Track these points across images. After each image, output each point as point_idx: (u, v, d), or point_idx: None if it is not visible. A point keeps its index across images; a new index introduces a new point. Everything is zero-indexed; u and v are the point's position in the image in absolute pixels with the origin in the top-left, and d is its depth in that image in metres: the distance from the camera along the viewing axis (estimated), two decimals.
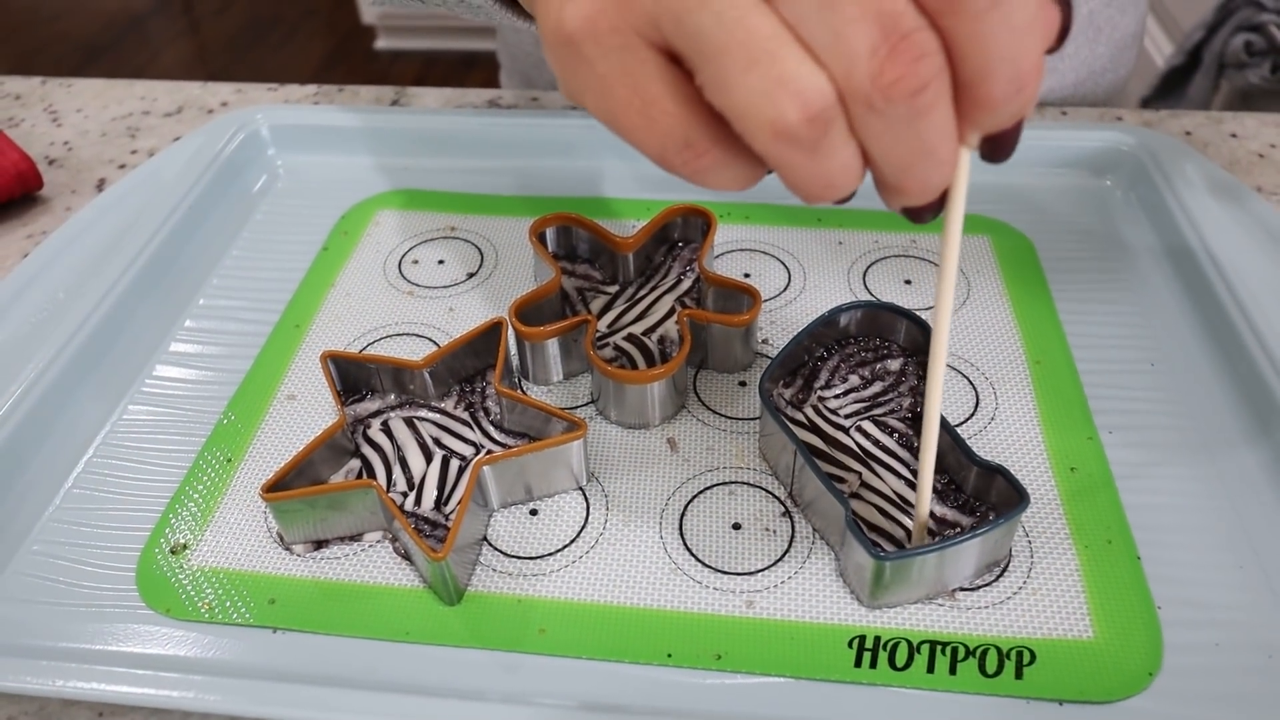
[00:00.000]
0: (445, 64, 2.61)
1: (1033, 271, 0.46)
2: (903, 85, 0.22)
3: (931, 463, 0.32)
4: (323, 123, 0.56)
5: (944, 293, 0.29)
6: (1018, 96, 0.23)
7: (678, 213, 0.45)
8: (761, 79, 0.22)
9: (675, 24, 0.23)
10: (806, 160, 0.23)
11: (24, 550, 0.36)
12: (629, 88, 0.24)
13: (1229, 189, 0.47)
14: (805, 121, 0.22)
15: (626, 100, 0.25)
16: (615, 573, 0.34)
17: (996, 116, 0.23)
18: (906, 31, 0.21)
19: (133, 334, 0.44)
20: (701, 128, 0.25)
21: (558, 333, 0.40)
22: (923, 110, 0.22)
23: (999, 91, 0.22)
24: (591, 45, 0.24)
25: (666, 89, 0.24)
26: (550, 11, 0.25)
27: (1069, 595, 0.33)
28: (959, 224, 0.27)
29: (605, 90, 0.25)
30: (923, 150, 0.23)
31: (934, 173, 0.24)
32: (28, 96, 0.64)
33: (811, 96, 0.22)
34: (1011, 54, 0.22)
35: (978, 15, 0.21)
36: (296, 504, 0.34)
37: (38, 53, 2.76)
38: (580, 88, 0.26)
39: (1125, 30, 0.63)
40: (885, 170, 0.24)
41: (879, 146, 0.23)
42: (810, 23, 0.22)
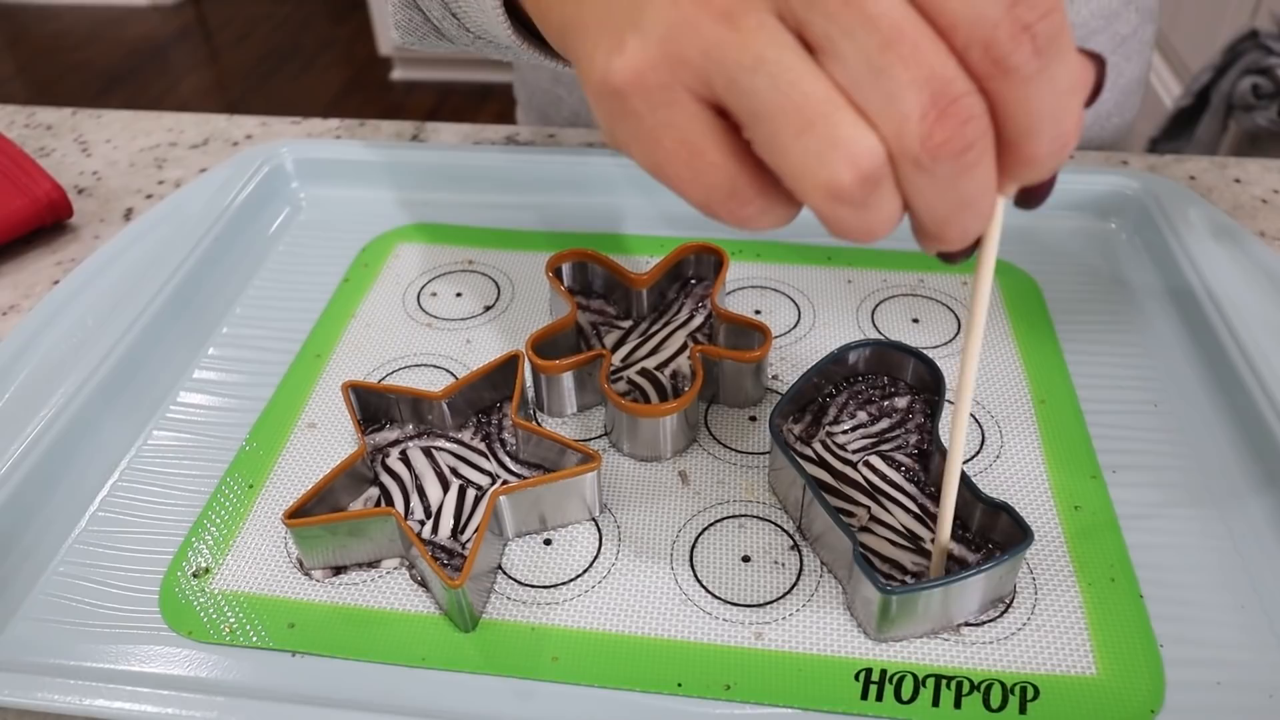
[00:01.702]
0: (460, 95, 2.64)
1: (1038, 312, 0.47)
2: (950, 146, 0.22)
3: (954, 492, 0.33)
4: (345, 157, 0.57)
5: (974, 329, 0.29)
6: (1059, 154, 0.24)
7: (691, 250, 0.46)
8: (816, 141, 0.23)
9: (728, 84, 0.23)
10: (854, 214, 0.24)
11: (50, 572, 0.37)
12: (676, 141, 0.25)
13: (1232, 234, 0.48)
14: (858, 182, 0.23)
15: (673, 152, 0.25)
16: (627, 603, 0.35)
17: (1038, 172, 0.24)
18: (956, 96, 0.22)
19: (158, 361, 0.45)
20: (747, 179, 0.25)
21: (573, 366, 0.41)
22: (967, 168, 0.23)
23: (1043, 150, 0.23)
24: (640, 99, 0.25)
25: (714, 143, 0.25)
26: (596, 62, 0.25)
27: (1073, 632, 0.34)
28: (991, 266, 0.28)
29: (652, 142, 0.25)
30: (963, 204, 0.24)
31: (973, 223, 0.25)
32: (59, 126, 0.66)
33: (863, 159, 0.23)
34: (1056, 115, 0.23)
35: (1026, 80, 0.22)
36: (317, 530, 0.35)
37: (59, 81, 2.80)
38: (626, 139, 0.26)
39: (1131, 76, 0.64)
40: (926, 221, 0.25)
41: (922, 201, 0.24)
42: (863, 86, 0.23)
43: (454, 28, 0.45)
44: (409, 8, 0.47)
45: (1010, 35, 0.21)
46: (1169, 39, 1.61)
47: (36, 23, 3.15)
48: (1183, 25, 1.58)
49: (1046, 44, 0.22)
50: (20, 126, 0.66)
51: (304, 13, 3.20)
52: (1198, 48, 1.51)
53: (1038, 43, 0.22)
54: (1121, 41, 0.62)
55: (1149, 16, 0.63)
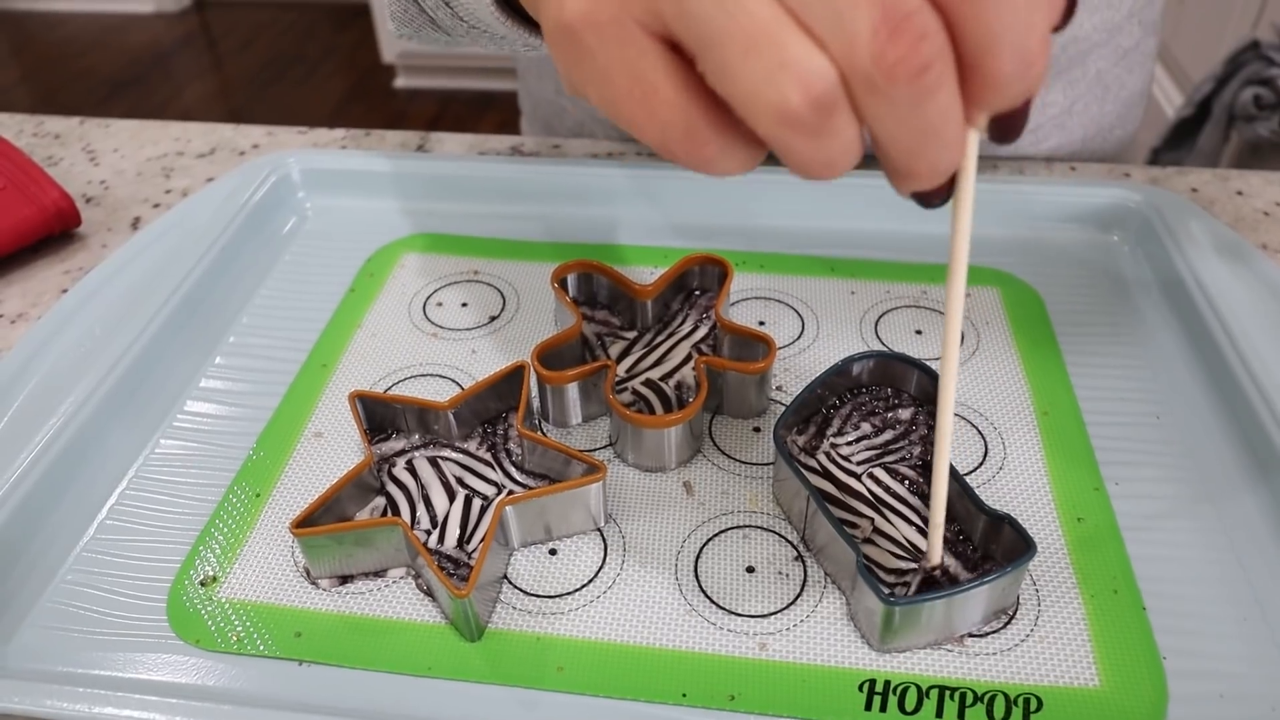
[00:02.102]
0: (462, 102, 2.65)
1: (1041, 324, 0.47)
2: (905, 65, 0.22)
3: (945, 469, 0.33)
4: (351, 167, 0.57)
5: (956, 278, 0.29)
6: (1026, 74, 0.23)
7: (695, 261, 0.46)
8: (764, 64, 0.22)
9: (676, 11, 0.23)
10: (809, 143, 0.23)
11: (58, 580, 0.37)
12: (630, 77, 0.24)
13: (1234, 247, 0.48)
14: (809, 105, 0.22)
15: (627, 90, 0.25)
16: (632, 613, 0.35)
17: (1004, 96, 0.23)
18: (908, 11, 0.21)
19: (166, 370, 0.46)
20: (703, 116, 0.24)
21: (579, 377, 0.41)
22: (927, 91, 0.22)
23: (1006, 69, 0.22)
24: (592, 35, 0.24)
25: (667, 78, 0.24)
26: (550, 6, 0.25)
27: (1075, 643, 0.34)
28: (969, 207, 0.27)
29: (606, 80, 0.25)
30: (929, 132, 0.23)
31: (941, 155, 0.24)
32: (66, 136, 0.66)
33: (814, 80, 0.22)
34: (1017, 31, 0.22)
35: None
36: (324, 539, 0.35)
37: (64, 87, 2.82)
38: (581, 78, 0.26)
39: (1133, 89, 0.65)
40: (892, 154, 0.24)
41: (884, 129, 0.23)
42: (811, 6, 0.22)
43: (447, 17, 0.45)
44: None
45: None
46: (1170, 49, 1.62)
47: (42, 29, 3.16)
48: (1184, 35, 1.58)
49: None
50: (29, 135, 0.67)
51: (307, 20, 3.21)
52: (1199, 58, 1.52)
53: None
54: (1124, 54, 0.62)
55: (1151, 29, 0.64)
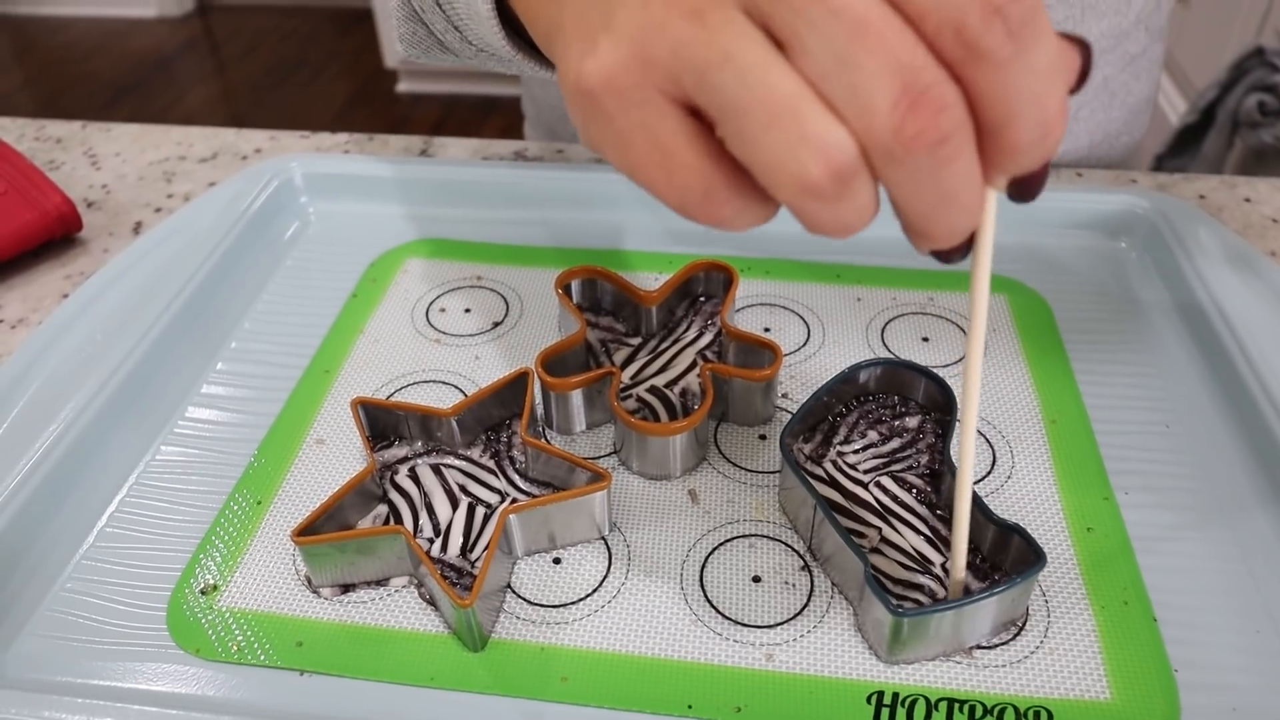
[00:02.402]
0: (465, 108, 2.65)
1: (1049, 331, 0.47)
2: (925, 138, 0.22)
3: (966, 513, 0.33)
4: (353, 172, 0.57)
5: (975, 336, 0.29)
6: (1044, 141, 0.23)
7: (700, 268, 0.46)
8: (785, 136, 0.23)
9: (697, 81, 0.23)
10: (827, 209, 0.24)
11: (57, 588, 0.37)
12: (649, 142, 0.25)
13: (1242, 254, 0.48)
14: (829, 176, 0.23)
15: (646, 154, 0.25)
16: (637, 623, 0.35)
17: (1023, 161, 0.24)
18: (927, 85, 0.22)
19: (167, 375, 0.45)
20: (721, 180, 0.25)
21: (583, 384, 0.41)
22: (945, 160, 0.23)
23: (1025, 137, 0.23)
24: (612, 100, 0.25)
25: (686, 143, 0.24)
26: (570, 64, 0.25)
27: (1086, 656, 0.34)
28: (987, 264, 0.27)
29: (625, 144, 0.25)
30: (946, 198, 0.24)
31: (959, 218, 0.24)
32: (68, 140, 0.66)
33: (835, 152, 0.23)
34: (1036, 100, 0.22)
35: (1001, 65, 0.22)
36: (326, 548, 0.35)
37: (66, 92, 2.82)
38: (600, 140, 0.26)
39: (1139, 95, 0.64)
40: (910, 216, 0.25)
41: (903, 195, 0.24)
42: (831, 79, 0.22)
43: (456, 41, 0.45)
44: (413, 21, 0.47)
45: (982, 18, 0.21)
46: (1175, 56, 1.61)
47: (45, 34, 3.16)
48: (1188, 42, 1.58)
49: (1020, 26, 0.21)
50: (30, 139, 0.66)
51: (310, 25, 3.21)
52: (1203, 65, 1.51)
53: (1010, 25, 0.21)
54: (1131, 61, 0.62)
55: (1158, 36, 0.63)
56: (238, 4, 3.39)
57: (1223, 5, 1.47)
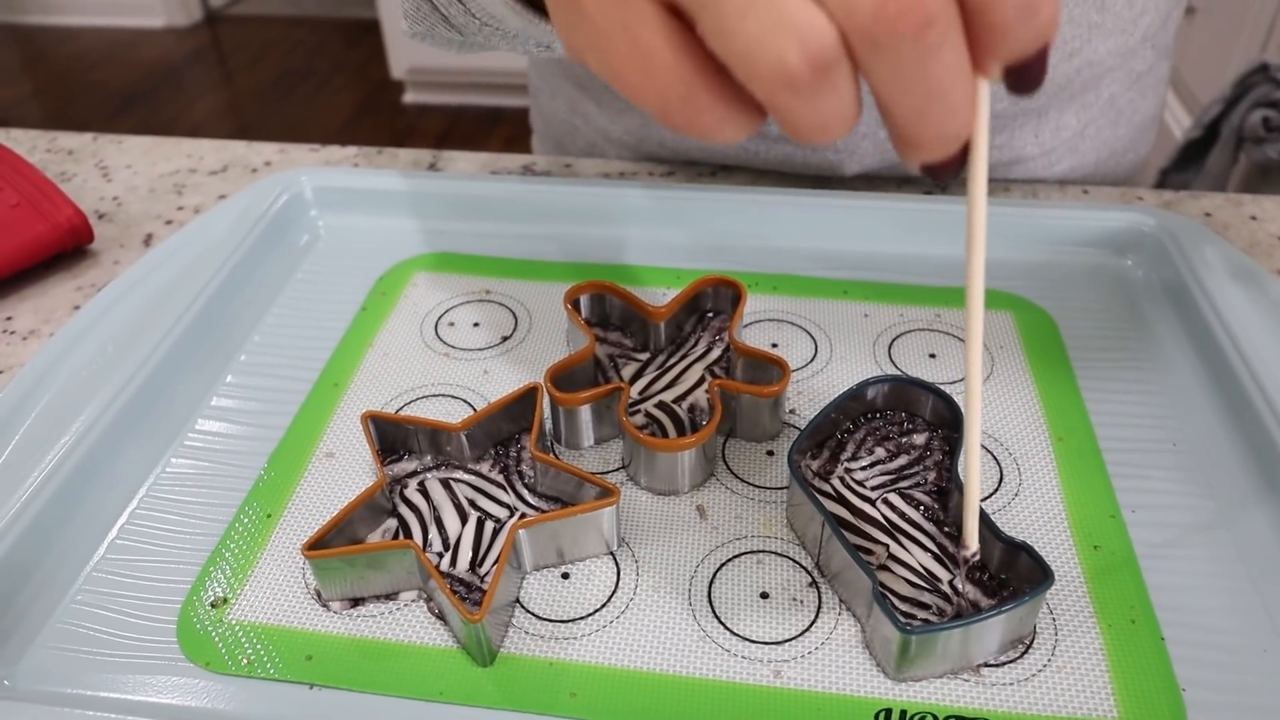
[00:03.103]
0: (471, 118, 2.66)
1: (1055, 348, 0.47)
2: (908, 20, 0.21)
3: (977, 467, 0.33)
4: (363, 185, 0.57)
5: (975, 259, 0.28)
6: (1033, 19, 0.22)
7: (709, 283, 0.46)
8: (761, 21, 0.22)
9: None
10: (806, 104, 0.23)
11: (68, 600, 0.37)
12: (628, 42, 0.24)
13: (1248, 272, 0.48)
14: (807, 63, 0.22)
15: (626, 54, 0.24)
16: (645, 638, 0.35)
17: (1014, 42, 0.23)
18: None
19: (177, 388, 0.45)
20: (702, 82, 0.24)
21: (592, 399, 0.41)
22: (931, 48, 0.22)
23: (1011, 12, 0.22)
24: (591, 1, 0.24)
25: (666, 43, 0.24)
26: None
27: (1094, 674, 0.34)
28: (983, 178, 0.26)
29: (605, 45, 0.25)
30: (935, 93, 0.23)
31: (949, 119, 0.23)
32: (80, 152, 0.67)
33: (813, 37, 0.22)
34: None
35: None
36: (336, 562, 0.35)
37: (75, 101, 2.83)
38: (581, 43, 0.25)
39: (1146, 113, 0.65)
40: (897, 117, 0.24)
41: (888, 90, 0.23)
42: None
43: (460, 13, 0.45)
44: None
45: None
46: (1180, 71, 1.62)
47: (54, 44, 3.18)
48: (1193, 58, 1.58)
49: None
50: (42, 151, 0.67)
51: (318, 36, 3.23)
52: (1208, 80, 1.52)
53: None
54: (1137, 79, 0.62)
55: (1164, 54, 0.64)
56: (245, 14, 3.40)
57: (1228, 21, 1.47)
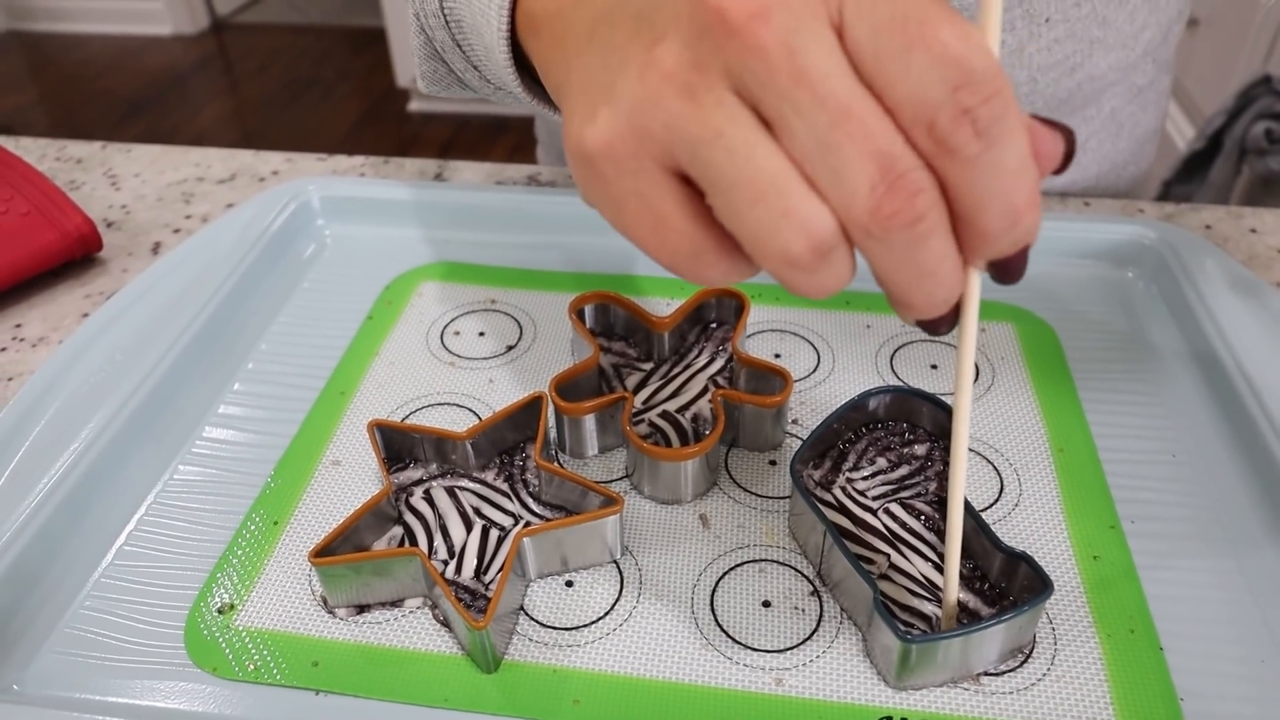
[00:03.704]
0: (476, 127, 2.67)
1: (1056, 360, 0.48)
2: (899, 218, 0.24)
3: (957, 550, 0.33)
4: (370, 195, 0.58)
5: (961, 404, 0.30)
6: (1013, 230, 0.24)
7: (712, 294, 0.47)
8: (769, 212, 0.24)
9: (689, 155, 0.25)
10: (808, 278, 0.25)
11: (76, 606, 0.37)
12: (642, 207, 0.26)
13: (1248, 285, 0.48)
14: (809, 251, 0.24)
15: (639, 217, 0.27)
16: (648, 646, 0.35)
17: (995, 247, 0.25)
18: (902, 171, 0.23)
19: (185, 396, 0.46)
20: (710, 243, 0.26)
21: (596, 409, 0.41)
22: (920, 239, 0.24)
23: (994, 225, 0.24)
24: (609, 166, 0.26)
25: (677, 209, 0.26)
26: (572, 128, 0.27)
27: (1093, 684, 0.34)
28: (972, 338, 0.29)
29: (620, 207, 0.27)
30: (923, 273, 0.25)
31: (937, 290, 0.26)
32: (89, 160, 0.67)
33: (814, 229, 0.24)
34: (1003, 192, 0.24)
35: (968, 161, 0.23)
36: (342, 569, 0.35)
37: (82, 108, 2.84)
38: (597, 200, 0.28)
39: (1147, 126, 0.65)
40: (891, 289, 0.26)
41: (882, 268, 0.25)
42: (814, 160, 0.24)
43: (476, 79, 0.46)
44: (434, 60, 0.48)
45: (951, 118, 0.23)
46: (1182, 83, 1.62)
47: (61, 51, 3.20)
48: (1196, 69, 1.59)
49: (988, 127, 0.23)
50: (51, 159, 0.68)
51: (324, 45, 3.24)
52: (1211, 92, 1.52)
53: (978, 126, 0.23)
54: (1138, 92, 0.62)
55: (1165, 68, 0.64)
56: (252, 22, 3.42)
57: (1230, 33, 1.48)
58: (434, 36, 0.46)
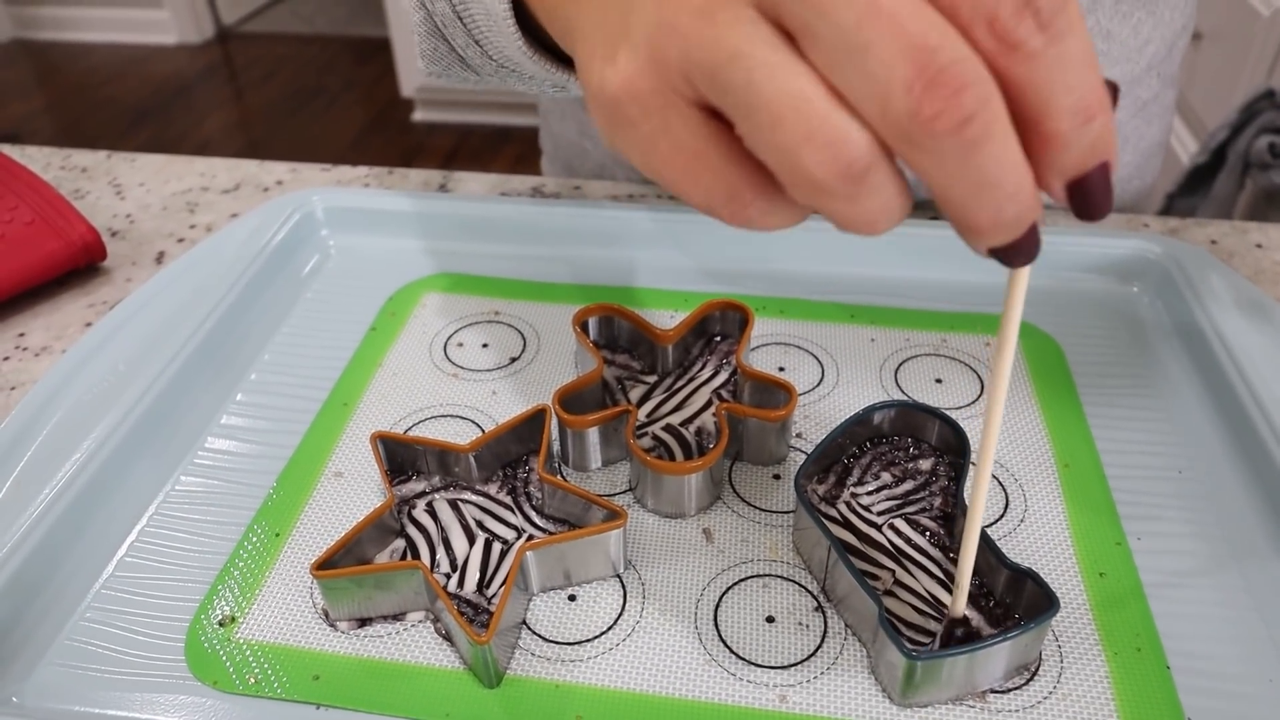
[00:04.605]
0: (480, 136, 2.67)
1: (1061, 374, 0.47)
2: (946, 119, 0.21)
3: (977, 531, 0.33)
4: (374, 206, 0.58)
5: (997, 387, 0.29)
6: (1085, 129, 0.22)
7: (716, 307, 0.47)
8: (791, 135, 0.22)
9: (709, 82, 0.23)
10: (846, 206, 0.23)
11: (76, 618, 0.37)
12: (672, 146, 0.25)
13: (1254, 301, 0.48)
14: (838, 174, 0.22)
15: (670, 158, 0.25)
16: (651, 662, 0.35)
17: (1069, 155, 0.22)
18: (944, 65, 0.21)
19: (188, 406, 0.46)
20: (745, 180, 0.24)
21: (599, 421, 0.41)
22: (974, 143, 0.21)
23: (1065, 126, 0.22)
24: (634, 106, 0.25)
25: (709, 144, 0.24)
26: (592, 76, 0.26)
27: (1099, 702, 0.34)
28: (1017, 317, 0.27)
29: (649, 148, 0.25)
30: (984, 184, 0.22)
31: (1006, 205, 0.22)
32: (94, 169, 0.67)
33: (843, 149, 0.22)
34: (1072, 87, 0.22)
35: (1033, 56, 0.21)
36: (344, 582, 0.35)
37: (87, 116, 2.85)
38: (625, 146, 0.26)
39: (1151, 140, 0.65)
40: (949, 207, 0.23)
41: (935, 182, 0.22)
42: (842, 67, 0.22)
43: (477, 55, 0.45)
44: (434, 37, 0.47)
45: (1014, 11, 0.21)
46: (1186, 97, 1.62)
47: (67, 60, 3.21)
48: (1199, 83, 1.59)
49: (1052, 18, 0.21)
50: (56, 168, 0.68)
51: (329, 54, 3.25)
52: (1214, 106, 1.52)
53: (1042, 18, 0.21)
54: (1143, 106, 0.62)
55: (1170, 82, 0.64)
56: (257, 31, 3.43)
57: (1235, 47, 1.48)
58: (434, 9, 0.45)
